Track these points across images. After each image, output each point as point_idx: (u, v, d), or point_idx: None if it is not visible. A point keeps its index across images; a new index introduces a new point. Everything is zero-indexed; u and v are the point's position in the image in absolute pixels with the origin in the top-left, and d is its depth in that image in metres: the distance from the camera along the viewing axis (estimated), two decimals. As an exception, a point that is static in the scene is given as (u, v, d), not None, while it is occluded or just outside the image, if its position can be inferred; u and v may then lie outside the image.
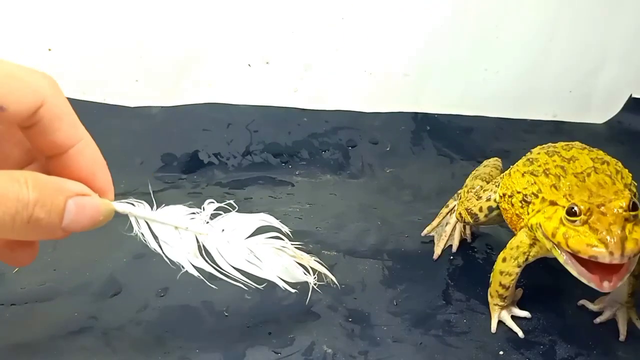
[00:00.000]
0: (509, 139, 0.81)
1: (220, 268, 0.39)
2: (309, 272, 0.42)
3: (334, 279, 0.45)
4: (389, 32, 0.78)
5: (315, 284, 0.43)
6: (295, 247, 0.42)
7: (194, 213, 0.39)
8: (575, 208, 0.39)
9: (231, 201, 0.41)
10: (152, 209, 0.37)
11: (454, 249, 0.57)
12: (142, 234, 0.37)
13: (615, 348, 0.45)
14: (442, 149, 0.78)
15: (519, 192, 0.47)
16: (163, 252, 0.37)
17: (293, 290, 0.42)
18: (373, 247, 0.57)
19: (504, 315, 0.48)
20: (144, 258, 0.52)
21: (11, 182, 0.28)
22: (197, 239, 0.38)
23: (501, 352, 0.44)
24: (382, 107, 0.81)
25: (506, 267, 0.46)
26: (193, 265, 0.38)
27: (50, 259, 0.52)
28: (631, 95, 0.86)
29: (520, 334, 0.46)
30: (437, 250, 0.56)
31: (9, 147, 0.33)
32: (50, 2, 0.69)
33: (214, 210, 0.39)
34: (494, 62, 0.82)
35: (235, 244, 0.39)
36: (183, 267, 0.38)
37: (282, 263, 0.40)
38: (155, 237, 0.37)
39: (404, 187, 0.70)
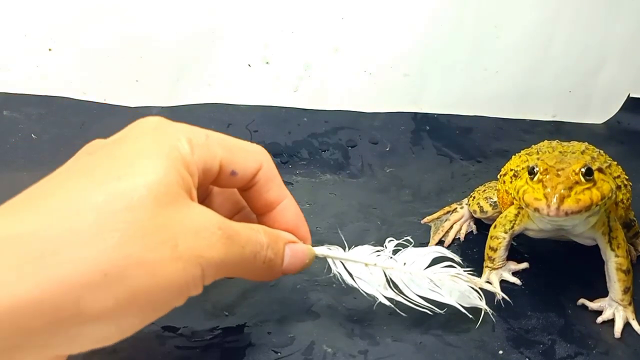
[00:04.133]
0: (508, 139, 0.81)
1: (407, 297, 0.43)
2: (481, 296, 0.45)
3: (504, 296, 0.48)
4: (389, 32, 0.78)
5: (490, 311, 0.45)
6: (468, 273, 0.45)
7: (378, 251, 0.44)
8: (535, 168, 0.43)
9: (409, 237, 0.46)
10: (344, 251, 0.43)
11: (445, 244, 0.58)
12: (340, 273, 0.43)
13: (615, 347, 0.45)
14: (442, 149, 0.78)
15: (512, 170, 0.54)
16: (359, 287, 0.43)
17: (470, 316, 0.45)
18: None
19: (492, 277, 0.52)
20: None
21: (251, 229, 0.35)
22: (384, 273, 0.43)
23: (501, 352, 0.44)
24: (382, 107, 0.81)
25: (495, 232, 0.52)
26: (384, 296, 0.43)
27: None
28: (629, 94, 0.86)
29: (499, 296, 0.48)
30: (432, 243, 0.58)
31: (223, 201, 0.42)
32: (50, 2, 0.70)
33: (394, 246, 0.45)
34: (494, 62, 0.83)
35: (417, 274, 0.44)
36: (377, 299, 0.43)
37: (459, 289, 0.44)
38: (350, 275, 0.43)
39: (404, 187, 0.70)
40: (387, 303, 0.43)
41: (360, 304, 0.48)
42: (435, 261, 0.45)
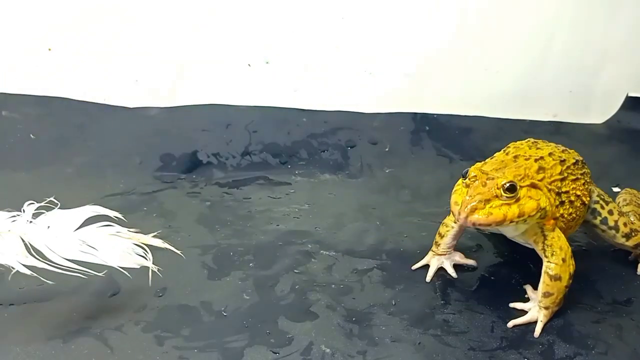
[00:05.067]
0: (508, 139, 0.80)
1: (53, 263, 0.40)
2: (147, 255, 0.42)
3: (179, 252, 0.44)
4: (389, 32, 0.78)
5: (157, 268, 0.42)
6: (132, 231, 0.41)
7: (14, 216, 0.39)
8: (467, 171, 0.44)
9: (52, 198, 0.42)
10: None
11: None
12: None
13: (614, 348, 0.45)
14: (442, 149, 0.78)
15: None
16: None
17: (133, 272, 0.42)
18: (372, 247, 0.57)
19: (433, 262, 0.53)
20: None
21: None
22: (22, 239, 0.39)
23: (499, 352, 0.44)
24: (382, 107, 0.81)
25: (446, 220, 0.53)
26: (24, 265, 0.39)
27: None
28: (627, 94, 0.86)
29: (428, 278, 0.52)
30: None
31: None
32: (50, 2, 0.70)
33: (35, 210, 0.40)
34: (494, 62, 0.82)
35: (65, 237, 0.40)
36: (13, 268, 0.38)
37: (120, 247, 0.41)
38: None
39: (403, 187, 0.69)
40: (29, 272, 0.40)
41: (360, 305, 0.48)
42: (93, 221, 0.41)
